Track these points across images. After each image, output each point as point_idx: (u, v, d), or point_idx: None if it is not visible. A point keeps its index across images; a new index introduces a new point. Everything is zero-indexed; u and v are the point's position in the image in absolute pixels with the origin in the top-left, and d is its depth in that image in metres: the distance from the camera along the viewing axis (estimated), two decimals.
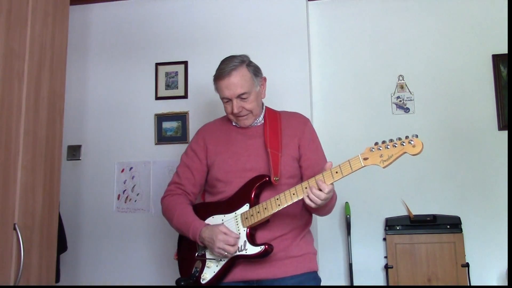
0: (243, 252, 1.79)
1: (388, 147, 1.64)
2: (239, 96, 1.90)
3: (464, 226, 2.68)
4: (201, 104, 2.95)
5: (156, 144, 2.96)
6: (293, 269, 1.84)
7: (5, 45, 1.76)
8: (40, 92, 1.99)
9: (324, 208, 1.80)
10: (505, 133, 2.76)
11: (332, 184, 1.69)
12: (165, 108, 2.98)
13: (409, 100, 2.90)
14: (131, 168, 2.96)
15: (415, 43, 2.94)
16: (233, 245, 1.77)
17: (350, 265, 2.72)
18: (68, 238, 2.75)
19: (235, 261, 1.82)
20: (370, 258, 2.79)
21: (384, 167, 1.64)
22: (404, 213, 2.79)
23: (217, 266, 1.84)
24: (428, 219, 2.71)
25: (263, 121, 1.99)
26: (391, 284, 2.66)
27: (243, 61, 1.95)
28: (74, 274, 2.89)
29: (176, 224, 1.94)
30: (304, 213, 1.93)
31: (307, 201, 1.69)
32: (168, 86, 3.00)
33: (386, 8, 3.01)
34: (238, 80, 1.90)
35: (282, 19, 2.92)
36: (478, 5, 2.90)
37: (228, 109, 1.94)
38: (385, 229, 2.76)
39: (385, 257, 2.74)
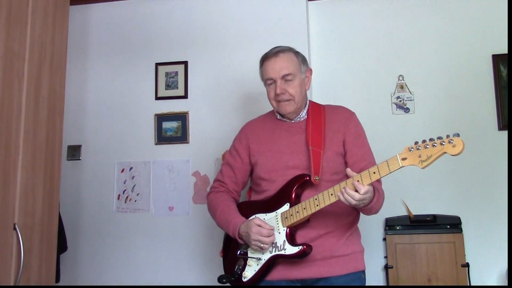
0: (282, 252, 1.79)
1: (427, 146, 1.58)
2: (284, 77, 1.90)
3: (464, 226, 2.68)
4: (201, 104, 2.95)
5: (156, 144, 2.96)
6: (339, 269, 1.82)
7: (5, 45, 1.77)
8: (40, 92, 1.99)
9: (369, 207, 1.77)
10: (505, 133, 2.76)
11: (370, 185, 1.66)
12: (165, 108, 2.98)
13: (409, 100, 2.90)
14: (131, 168, 2.96)
15: (415, 43, 2.94)
16: (267, 236, 1.78)
17: None
18: (68, 238, 2.75)
19: (275, 260, 1.82)
20: (370, 258, 2.78)
21: (422, 168, 1.59)
22: (404, 213, 2.78)
23: (257, 264, 1.85)
24: (428, 219, 2.70)
25: (306, 116, 1.98)
26: (391, 284, 2.66)
27: (291, 48, 1.98)
28: (74, 274, 2.89)
29: (219, 221, 1.98)
30: (351, 211, 1.90)
31: (342, 199, 1.67)
32: (168, 86, 3.00)
33: (386, 8, 3.00)
34: (284, 61, 1.92)
35: (282, 19, 2.92)
36: (478, 5, 2.90)
37: (271, 93, 1.94)
38: (385, 229, 2.76)
39: (385, 257, 2.74)
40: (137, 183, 2.94)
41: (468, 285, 2.58)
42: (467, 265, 2.60)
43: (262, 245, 1.79)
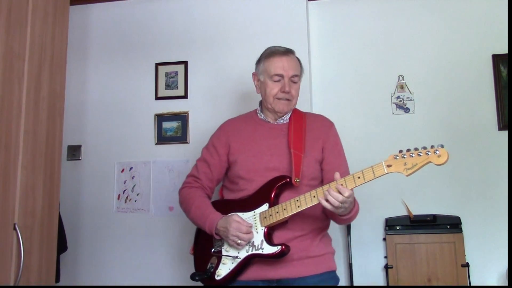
0: (259, 251, 1.79)
1: (413, 155, 1.64)
2: (292, 78, 1.94)
3: (464, 226, 2.68)
4: (201, 104, 2.95)
5: (156, 144, 2.96)
6: (313, 268, 1.84)
7: (5, 45, 1.77)
8: (40, 92, 2.00)
9: (349, 217, 1.80)
10: (505, 133, 2.76)
11: (352, 190, 1.68)
12: (165, 108, 2.98)
13: (409, 100, 2.90)
14: (131, 168, 2.96)
15: (415, 43, 2.94)
16: (245, 233, 1.78)
17: (350, 265, 2.72)
18: (68, 238, 2.75)
19: (251, 259, 1.82)
20: (370, 258, 2.79)
21: (407, 175, 1.64)
22: (404, 213, 2.78)
23: (232, 263, 1.84)
24: (428, 219, 2.71)
25: (288, 120, 2.00)
26: (391, 284, 2.66)
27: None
28: (74, 274, 2.89)
29: (193, 216, 1.95)
30: (325, 215, 1.92)
31: (323, 202, 1.67)
32: (168, 86, 3.00)
33: (386, 8, 3.00)
34: (294, 62, 1.97)
35: (282, 19, 2.92)
36: (478, 5, 2.90)
37: (274, 89, 1.95)
38: (385, 229, 2.76)
39: (385, 257, 2.74)
40: (137, 183, 2.94)
41: (468, 285, 2.58)
42: (467, 265, 2.60)
43: (239, 241, 1.78)
